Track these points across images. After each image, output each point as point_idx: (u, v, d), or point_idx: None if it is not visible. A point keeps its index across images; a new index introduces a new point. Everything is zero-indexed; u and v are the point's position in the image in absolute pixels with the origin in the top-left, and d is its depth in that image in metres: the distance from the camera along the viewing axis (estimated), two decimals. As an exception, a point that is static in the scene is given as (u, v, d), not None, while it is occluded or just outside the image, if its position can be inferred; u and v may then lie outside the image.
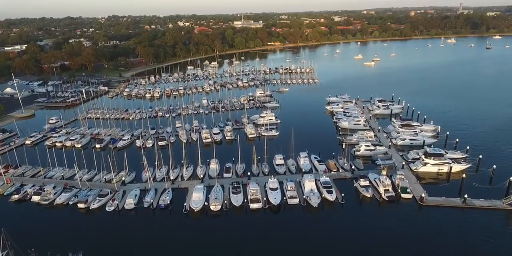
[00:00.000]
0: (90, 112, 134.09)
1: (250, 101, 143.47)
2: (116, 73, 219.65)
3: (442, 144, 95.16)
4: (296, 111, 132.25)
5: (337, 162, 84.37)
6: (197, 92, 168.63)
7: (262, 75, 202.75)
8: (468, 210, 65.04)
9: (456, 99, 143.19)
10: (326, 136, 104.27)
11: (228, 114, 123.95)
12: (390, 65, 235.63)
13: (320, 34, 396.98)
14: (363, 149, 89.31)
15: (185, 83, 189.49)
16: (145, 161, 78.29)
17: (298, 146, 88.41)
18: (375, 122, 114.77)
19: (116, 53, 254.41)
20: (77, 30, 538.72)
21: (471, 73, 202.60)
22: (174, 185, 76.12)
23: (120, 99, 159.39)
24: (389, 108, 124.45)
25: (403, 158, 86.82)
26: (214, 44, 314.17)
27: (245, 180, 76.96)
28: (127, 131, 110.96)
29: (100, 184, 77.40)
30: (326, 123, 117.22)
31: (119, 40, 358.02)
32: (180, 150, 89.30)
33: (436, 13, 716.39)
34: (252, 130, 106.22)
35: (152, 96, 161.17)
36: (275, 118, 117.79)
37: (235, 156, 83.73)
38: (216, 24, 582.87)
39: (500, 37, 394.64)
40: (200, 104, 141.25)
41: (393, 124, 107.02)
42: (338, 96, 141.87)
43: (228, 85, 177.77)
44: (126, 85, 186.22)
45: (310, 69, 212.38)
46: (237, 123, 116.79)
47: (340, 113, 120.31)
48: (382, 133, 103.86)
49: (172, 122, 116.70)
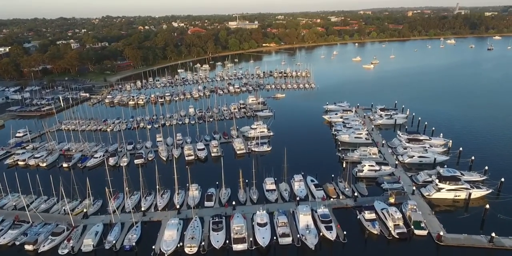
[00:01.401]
0: (65, 122, 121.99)
1: (241, 110, 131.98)
2: (102, 77, 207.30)
3: (455, 161, 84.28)
4: (291, 121, 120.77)
5: (336, 186, 73.05)
6: (185, 98, 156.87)
7: (256, 80, 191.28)
8: (497, 253, 53.92)
9: (464, 106, 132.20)
10: (324, 152, 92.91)
11: (216, 125, 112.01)
12: (390, 68, 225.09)
13: (316, 35, 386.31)
14: (366, 170, 78.08)
15: (173, 88, 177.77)
16: (111, 187, 66.63)
17: (292, 166, 77.11)
18: (378, 134, 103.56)
19: (103, 56, 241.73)
20: (69, 31, 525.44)
21: (476, 76, 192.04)
22: (146, 218, 64.39)
23: (101, 107, 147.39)
24: (392, 118, 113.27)
25: (412, 180, 75.66)
26: (207, 46, 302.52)
27: (229, 211, 65.45)
28: (101, 147, 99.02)
29: (58, 216, 65.46)
30: (324, 135, 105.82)
31: (109, 41, 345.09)
32: (159, 170, 77.23)
33: (433, 13, 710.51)
34: (241, 145, 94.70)
35: (136, 104, 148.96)
36: (268, 130, 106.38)
37: (219, 178, 72.26)
38: (211, 24, 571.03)
39: (500, 38, 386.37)
40: (186, 113, 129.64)
41: (398, 137, 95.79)
42: (336, 104, 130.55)
43: (219, 91, 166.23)
44: (110, 90, 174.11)
45: (306, 72, 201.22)
46: (226, 136, 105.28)
47: (339, 124, 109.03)
48: (387, 148, 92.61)
49: (153, 135, 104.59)
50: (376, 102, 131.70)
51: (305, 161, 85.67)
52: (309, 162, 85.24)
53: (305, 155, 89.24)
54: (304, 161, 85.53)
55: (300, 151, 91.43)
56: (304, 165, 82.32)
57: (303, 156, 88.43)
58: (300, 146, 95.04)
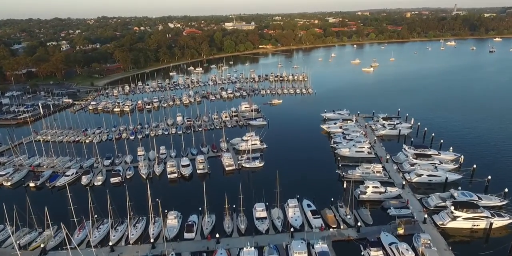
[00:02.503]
0: (41, 133, 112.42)
1: (233, 118, 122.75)
2: (89, 81, 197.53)
3: (468, 180, 75.36)
4: (286, 131, 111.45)
5: (337, 213, 63.95)
6: (174, 105, 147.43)
7: (250, 84, 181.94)
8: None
9: (474, 115, 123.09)
10: (322, 169, 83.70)
11: (203, 136, 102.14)
12: (390, 71, 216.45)
13: (314, 36, 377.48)
14: (370, 192, 69.06)
15: (163, 93, 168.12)
16: (77, 215, 57.34)
17: (286, 186, 68.44)
18: (381, 147, 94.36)
19: (92, 58, 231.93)
20: (63, 32, 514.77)
21: (481, 81, 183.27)
22: (114, 254, 55.12)
23: (84, 114, 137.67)
24: (396, 128, 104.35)
25: (422, 204, 66.73)
26: (201, 48, 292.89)
27: (213, 244, 56.26)
28: (75, 162, 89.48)
29: (11, 251, 56.01)
30: (322, 148, 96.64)
31: (102, 43, 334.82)
32: (136, 191, 67.89)
33: (431, 14, 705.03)
34: (231, 161, 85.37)
35: (121, 111, 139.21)
36: (260, 142, 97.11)
37: (203, 202, 62.60)
38: (207, 25, 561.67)
39: (501, 40, 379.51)
40: (174, 122, 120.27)
41: (404, 151, 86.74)
42: (335, 112, 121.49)
43: (211, 96, 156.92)
44: (96, 96, 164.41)
45: (303, 76, 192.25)
46: (214, 149, 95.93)
47: (339, 135, 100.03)
48: (392, 164, 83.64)
49: (135, 148, 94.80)
50: (378, 109, 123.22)
51: (301, 180, 76.69)
52: (306, 181, 76.20)
53: (301, 173, 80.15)
54: (299, 180, 76.59)
55: (296, 168, 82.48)
56: (300, 185, 73.57)
57: (299, 174, 79.36)
58: (295, 162, 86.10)
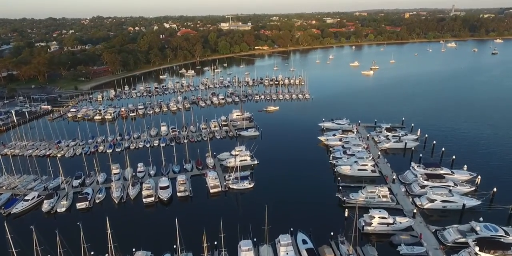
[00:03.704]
0: (9, 145, 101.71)
1: (222, 128, 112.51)
2: (74, 84, 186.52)
3: (487, 205, 65.49)
4: (280, 143, 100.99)
5: (337, 250, 53.90)
6: (161, 112, 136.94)
7: (244, 88, 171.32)
8: None
9: (486, 125, 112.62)
10: (320, 191, 73.61)
11: (187, 150, 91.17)
12: (391, 74, 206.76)
13: (311, 37, 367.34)
14: (376, 223, 58.99)
15: (151, 98, 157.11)
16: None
17: (278, 216, 58.58)
18: (386, 163, 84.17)
19: (79, 60, 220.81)
20: (55, 32, 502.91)
21: (489, 85, 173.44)
22: None
23: (63, 122, 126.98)
24: (401, 141, 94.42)
25: (438, 238, 56.74)
26: (195, 49, 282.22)
27: (186, 296, 46.11)
28: (40, 182, 78.94)
29: None
30: (320, 164, 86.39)
31: (94, 43, 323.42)
32: (100, 221, 57.07)
33: (429, 14, 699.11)
34: (216, 181, 75.11)
35: (102, 119, 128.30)
36: (251, 158, 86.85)
37: (179, 236, 52.40)
38: (203, 26, 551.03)
39: (502, 41, 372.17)
40: (158, 132, 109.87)
41: (413, 170, 76.77)
42: (334, 121, 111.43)
43: (201, 103, 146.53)
44: (78, 101, 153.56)
45: (300, 80, 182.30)
46: (199, 165, 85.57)
47: (338, 150, 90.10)
48: (399, 185, 73.64)
49: (111, 163, 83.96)
50: (380, 117, 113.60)
51: (296, 205, 66.70)
52: (301, 207, 66.18)
53: (295, 197, 70.15)
54: (294, 206, 66.59)
55: (290, 190, 72.67)
56: (295, 212, 63.94)
57: (294, 198, 69.41)
58: (289, 182, 76.09)
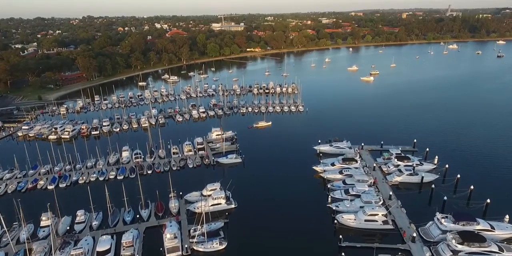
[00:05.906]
0: None
1: (197, 153, 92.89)
2: (40, 93, 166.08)
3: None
4: (266, 175, 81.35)
5: None
6: (129, 128, 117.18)
7: (230, 98, 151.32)
8: None
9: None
10: (315, 253, 54.62)
11: (148, 187, 72.14)
12: (392, 81, 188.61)
13: (306, 39, 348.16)
14: None
15: (124, 109, 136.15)
16: None
17: None
18: (399, 207, 65.18)
19: (51, 66, 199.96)
20: (41, 33, 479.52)
21: (503, 94, 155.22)
22: None
23: (11, 144, 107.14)
24: (417, 174, 75.46)
25: None
26: (181, 52, 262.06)
27: None
28: None
29: None
30: (315, 206, 67.02)
31: (78, 44, 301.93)
32: None
33: (426, 14, 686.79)
34: (175, 242, 55.44)
35: (58, 138, 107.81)
36: (227, 201, 67.51)
37: None
38: (196, 26, 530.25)
39: (504, 42, 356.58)
40: (118, 159, 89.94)
41: (439, 224, 57.58)
42: (332, 145, 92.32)
43: (178, 117, 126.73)
44: (36, 115, 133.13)
45: (293, 87, 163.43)
46: (160, 211, 66.05)
47: (338, 187, 71.13)
48: (420, 246, 54.62)
49: (45, 211, 64.23)
50: (387, 137, 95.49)
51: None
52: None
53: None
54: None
55: (275, 254, 53.39)
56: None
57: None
58: (275, 239, 56.83)
